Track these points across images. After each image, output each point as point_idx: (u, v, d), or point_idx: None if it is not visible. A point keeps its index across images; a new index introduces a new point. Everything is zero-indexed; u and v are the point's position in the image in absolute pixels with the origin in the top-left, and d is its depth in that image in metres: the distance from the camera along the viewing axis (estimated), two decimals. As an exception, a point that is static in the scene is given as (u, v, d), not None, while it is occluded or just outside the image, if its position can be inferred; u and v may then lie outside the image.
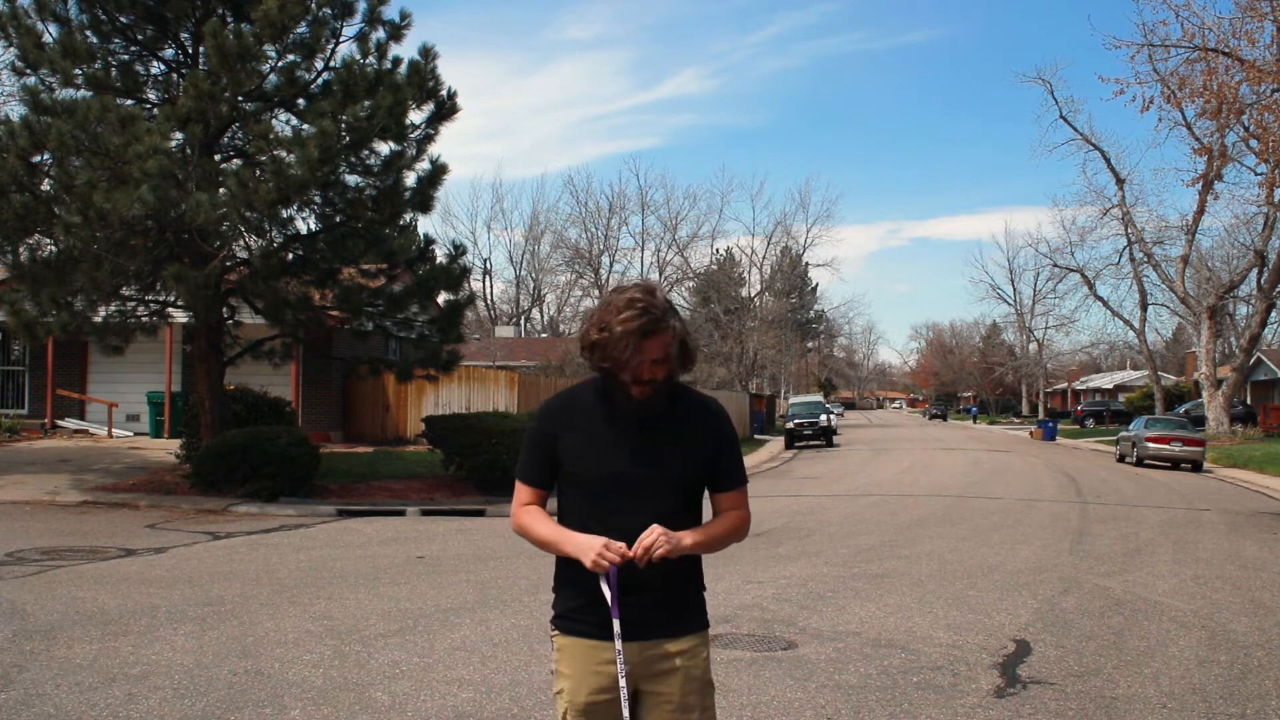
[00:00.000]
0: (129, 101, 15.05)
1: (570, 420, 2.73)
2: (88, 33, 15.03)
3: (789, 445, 38.40)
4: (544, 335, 63.80)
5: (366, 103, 14.31)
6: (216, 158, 15.16)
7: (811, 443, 39.22)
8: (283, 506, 14.49)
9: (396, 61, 15.41)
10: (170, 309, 16.41)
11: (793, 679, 5.98)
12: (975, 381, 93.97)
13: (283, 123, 15.52)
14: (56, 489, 15.31)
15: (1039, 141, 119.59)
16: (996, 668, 6.35)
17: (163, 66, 15.98)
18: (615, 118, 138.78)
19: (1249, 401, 49.38)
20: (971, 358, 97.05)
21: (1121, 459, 31.47)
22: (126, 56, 15.58)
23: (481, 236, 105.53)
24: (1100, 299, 51.95)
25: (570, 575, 2.70)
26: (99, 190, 13.03)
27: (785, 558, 10.85)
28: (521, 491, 2.79)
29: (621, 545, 2.58)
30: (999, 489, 20.32)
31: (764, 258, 65.87)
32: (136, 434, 22.46)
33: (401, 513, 14.74)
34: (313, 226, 16.10)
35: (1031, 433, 51.60)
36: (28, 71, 14.71)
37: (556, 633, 2.76)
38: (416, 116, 15.49)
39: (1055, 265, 55.06)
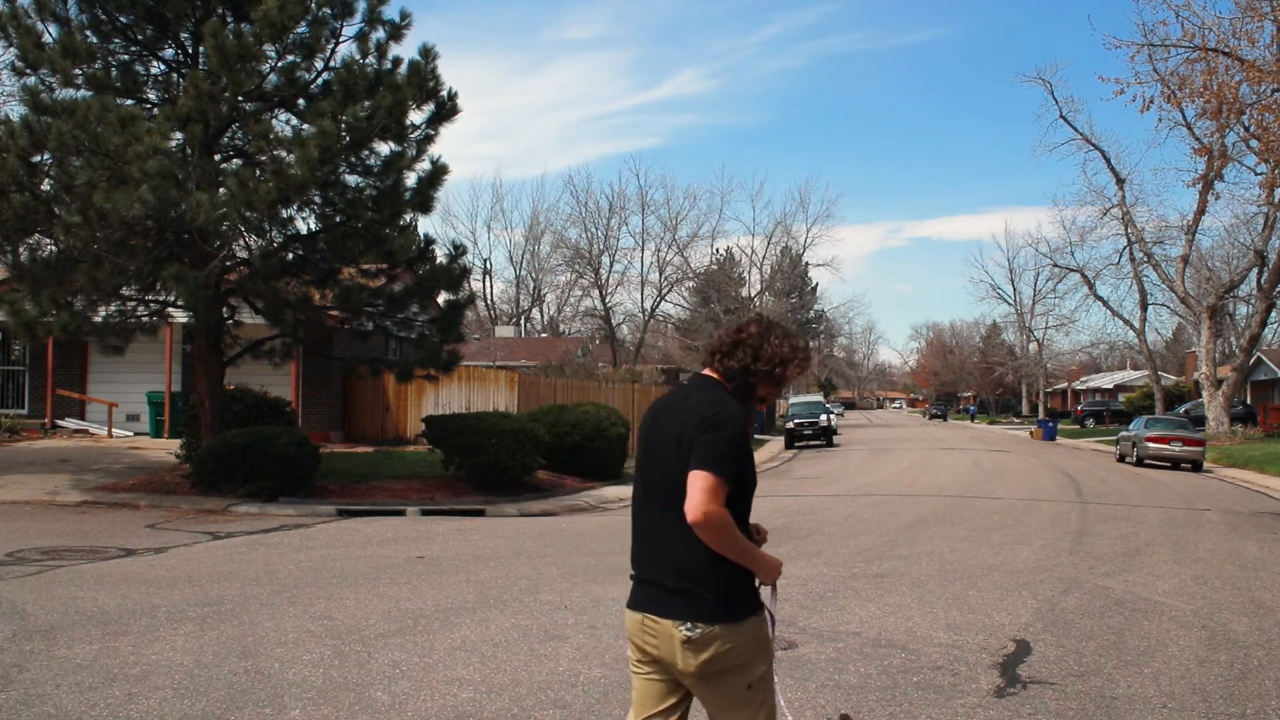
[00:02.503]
0: (129, 101, 15.04)
1: None
2: (88, 33, 15.02)
3: (789, 445, 38.41)
4: (544, 335, 63.78)
5: (366, 103, 14.32)
6: (216, 158, 15.16)
7: (811, 443, 39.22)
8: (283, 506, 14.48)
9: (396, 61, 15.42)
10: (170, 309, 16.40)
11: (793, 679, 5.98)
12: (975, 381, 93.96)
13: (283, 123, 15.53)
14: (56, 489, 15.31)
15: (1039, 141, 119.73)
16: (996, 668, 6.35)
17: (163, 66, 15.98)
18: (615, 118, 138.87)
19: (1249, 401, 49.38)
20: (971, 358, 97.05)
21: (1121, 459, 31.47)
22: (126, 56, 15.58)
23: (481, 236, 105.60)
24: (1100, 299, 52.03)
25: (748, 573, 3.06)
26: (99, 190, 13.02)
27: (785, 558, 10.78)
28: (725, 492, 2.90)
29: None
30: (999, 489, 20.32)
31: (764, 258, 65.85)
32: (136, 434, 22.46)
33: (401, 513, 14.74)
34: (313, 226, 16.10)
35: (1031, 433, 51.60)
36: (28, 71, 14.71)
37: (757, 619, 3.05)
38: (416, 117, 15.51)
39: (1055, 265, 55.15)
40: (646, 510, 3.11)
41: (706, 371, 3.19)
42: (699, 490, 2.85)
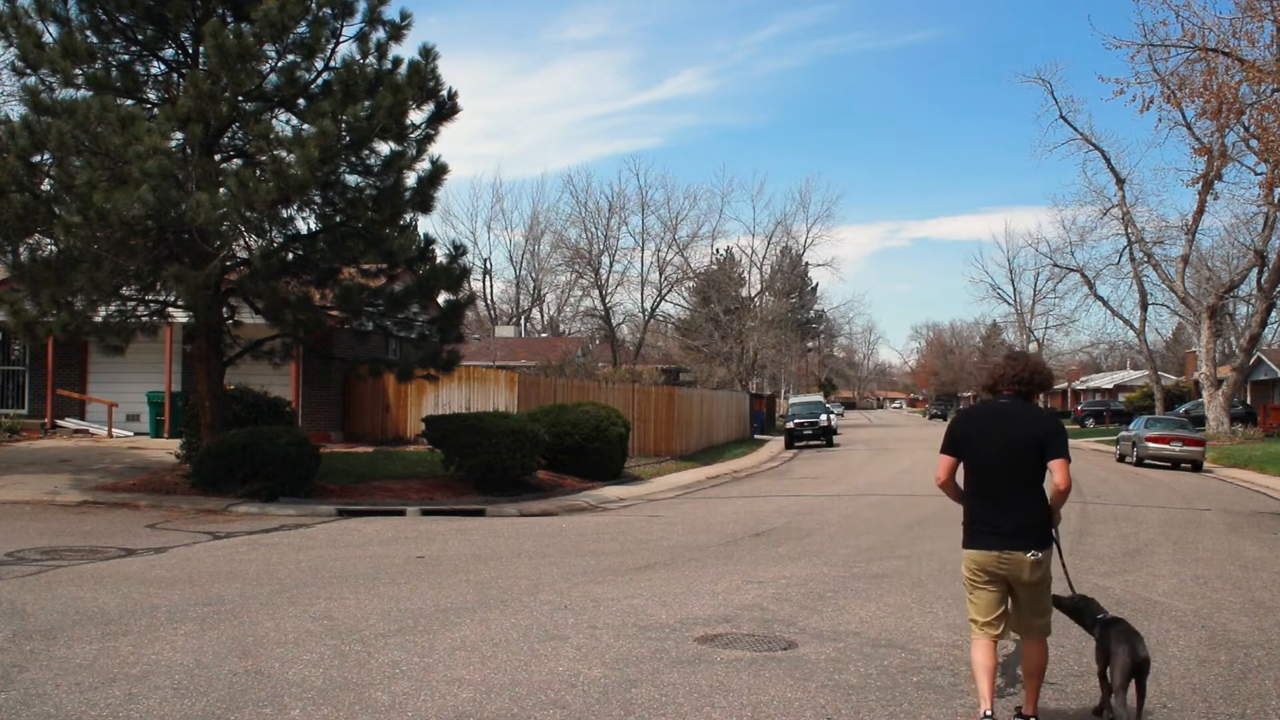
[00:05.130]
0: (129, 101, 15.03)
1: None
2: (88, 33, 15.01)
3: (789, 445, 38.39)
4: (544, 335, 63.78)
5: (367, 103, 14.31)
6: (216, 158, 15.15)
7: (811, 443, 39.21)
8: (283, 506, 14.48)
9: (397, 62, 15.40)
10: (170, 309, 16.39)
11: (793, 679, 5.98)
12: (975, 381, 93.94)
13: (283, 123, 15.51)
14: (56, 489, 15.31)
15: (1039, 141, 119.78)
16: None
17: (163, 66, 15.96)
18: (615, 118, 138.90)
19: (1249, 401, 49.37)
20: (972, 358, 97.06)
21: (1121, 459, 31.47)
22: (126, 56, 15.56)
23: (481, 236, 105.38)
24: (1100, 299, 52.06)
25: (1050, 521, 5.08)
26: (99, 190, 13.02)
27: (785, 558, 10.86)
28: None
29: None
30: (999, 489, 20.29)
31: (764, 258, 65.88)
32: (136, 434, 22.45)
33: (401, 513, 14.74)
34: (313, 226, 16.09)
35: (1031, 433, 51.49)
36: (28, 71, 14.69)
37: (1056, 549, 5.13)
38: (417, 116, 15.49)
39: (1055, 265, 55.19)
40: (990, 489, 5.01)
41: (1007, 393, 5.14)
42: (1066, 470, 4.90)
